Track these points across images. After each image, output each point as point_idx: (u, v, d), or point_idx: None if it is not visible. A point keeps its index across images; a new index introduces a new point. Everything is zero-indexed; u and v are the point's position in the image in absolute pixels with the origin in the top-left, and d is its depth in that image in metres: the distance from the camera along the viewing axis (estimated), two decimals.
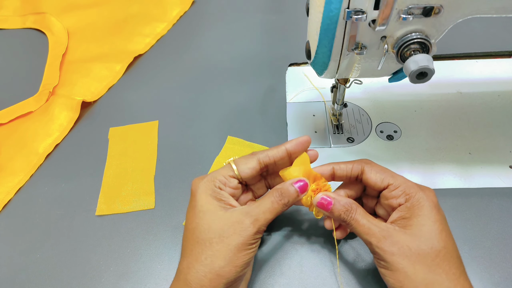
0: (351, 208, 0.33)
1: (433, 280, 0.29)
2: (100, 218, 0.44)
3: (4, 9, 0.75)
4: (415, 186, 0.33)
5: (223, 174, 0.34)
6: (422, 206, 0.31)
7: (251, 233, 0.31)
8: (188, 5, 0.72)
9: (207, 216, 0.32)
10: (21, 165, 0.50)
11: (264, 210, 0.32)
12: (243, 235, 0.31)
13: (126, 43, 0.65)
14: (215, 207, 0.32)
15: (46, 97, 0.57)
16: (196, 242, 0.31)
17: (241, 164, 0.34)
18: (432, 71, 0.30)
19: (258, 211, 0.32)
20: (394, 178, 0.33)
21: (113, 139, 0.52)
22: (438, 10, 0.30)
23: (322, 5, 0.31)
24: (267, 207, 0.32)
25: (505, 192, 0.42)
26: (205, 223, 0.32)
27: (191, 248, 0.32)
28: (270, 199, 0.33)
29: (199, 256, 0.31)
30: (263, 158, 0.35)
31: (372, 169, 0.34)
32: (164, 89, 0.58)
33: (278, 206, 0.32)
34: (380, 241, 0.30)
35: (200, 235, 0.31)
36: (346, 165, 0.35)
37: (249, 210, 0.32)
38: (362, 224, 0.32)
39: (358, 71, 0.37)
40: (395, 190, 0.33)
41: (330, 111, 0.51)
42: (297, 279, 0.38)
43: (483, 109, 0.50)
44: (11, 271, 0.40)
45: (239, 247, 0.30)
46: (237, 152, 0.48)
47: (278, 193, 0.33)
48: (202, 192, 0.33)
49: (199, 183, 0.34)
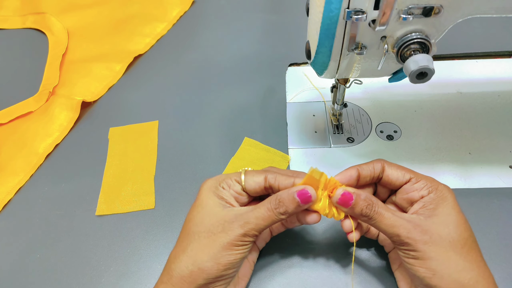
0: (372, 202, 0.31)
1: (464, 266, 0.29)
2: (100, 218, 0.44)
3: (4, 9, 0.75)
4: (436, 180, 0.33)
5: (231, 177, 0.35)
6: (446, 197, 0.32)
7: (237, 234, 0.31)
8: (188, 5, 0.72)
9: (204, 210, 0.33)
10: (21, 165, 0.50)
11: (257, 216, 0.31)
12: (230, 235, 0.31)
13: (126, 43, 0.65)
14: (215, 203, 0.33)
15: (46, 97, 0.57)
16: (187, 233, 0.32)
17: (249, 175, 0.35)
18: (432, 71, 0.30)
19: (250, 214, 0.31)
20: (414, 173, 0.34)
21: (113, 139, 0.52)
22: (438, 10, 0.30)
23: (322, 5, 0.31)
24: (261, 213, 0.31)
25: (505, 192, 0.42)
26: (200, 216, 0.32)
27: (182, 239, 0.32)
28: (266, 206, 0.32)
29: (186, 247, 0.31)
30: (271, 178, 0.34)
31: (391, 166, 0.35)
32: (164, 89, 0.58)
33: (273, 215, 0.31)
34: (410, 231, 0.30)
35: (192, 228, 0.32)
36: (368, 166, 0.35)
37: (243, 212, 0.32)
38: (387, 217, 0.31)
39: (358, 71, 0.37)
40: (417, 183, 0.33)
41: (330, 111, 0.51)
42: (297, 279, 0.38)
43: (483, 109, 0.50)
44: (11, 271, 0.40)
45: (224, 245, 0.30)
46: (252, 154, 0.48)
47: (275, 201, 0.31)
48: (207, 188, 0.34)
49: (207, 181, 0.35)
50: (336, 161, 0.46)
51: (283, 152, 0.48)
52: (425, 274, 0.29)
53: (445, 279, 0.29)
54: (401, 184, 0.34)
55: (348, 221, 0.34)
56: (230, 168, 0.47)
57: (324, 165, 0.46)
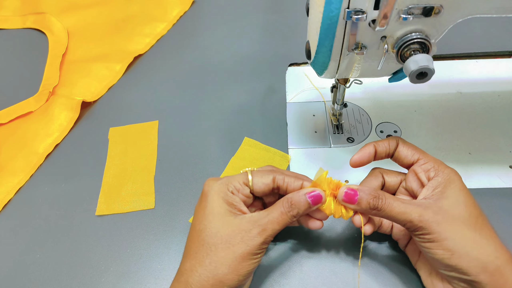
0: (378, 194, 0.32)
1: (481, 243, 0.30)
2: (100, 218, 0.44)
3: (4, 9, 0.75)
4: (442, 163, 0.34)
5: (238, 180, 0.34)
6: (453, 180, 0.32)
7: (257, 243, 0.31)
8: (188, 5, 0.72)
9: (216, 220, 0.31)
10: (21, 165, 0.50)
11: (272, 221, 0.31)
12: (249, 245, 0.30)
13: (126, 43, 0.65)
14: (225, 211, 0.32)
15: (46, 97, 0.57)
16: (202, 245, 0.31)
17: (257, 177, 0.34)
18: (432, 71, 0.30)
19: (266, 221, 0.31)
20: (423, 154, 0.35)
21: (113, 139, 0.52)
22: (438, 10, 0.30)
23: (322, 5, 0.31)
24: (275, 217, 0.31)
25: (505, 192, 0.42)
26: (213, 226, 0.31)
27: (195, 250, 0.31)
28: (279, 209, 0.32)
29: (203, 260, 0.30)
30: (279, 180, 0.34)
31: (404, 144, 0.36)
32: (164, 89, 0.58)
33: (287, 218, 0.32)
34: (422, 214, 0.30)
35: (206, 239, 0.31)
36: (384, 142, 0.36)
37: (257, 219, 0.32)
38: (397, 205, 0.31)
39: (358, 71, 0.37)
40: (425, 164, 0.34)
41: (330, 111, 0.51)
42: (297, 279, 0.38)
43: (483, 109, 0.50)
44: (11, 271, 0.40)
45: (244, 256, 0.30)
46: (252, 154, 0.48)
47: (287, 204, 0.32)
48: (215, 194, 0.33)
49: (213, 184, 0.33)
50: (336, 161, 0.46)
51: (283, 152, 0.48)
52: (444, 255, 0.29)
53: (464, 257, 0.29)
54: (409, 163, 0.35)
55: (358, 216, 0.34)
56: (230, 168, 0.47)
57: (324, 165, 0.46)
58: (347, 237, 0.40)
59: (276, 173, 0.34)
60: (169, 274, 0.39)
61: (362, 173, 0.45)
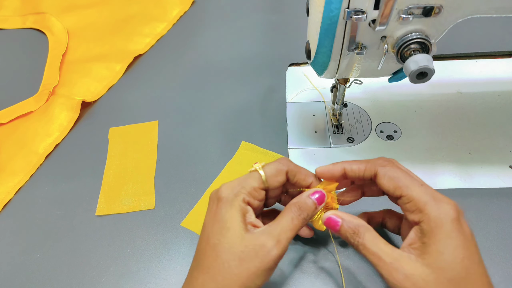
0: (359, 231, 0.30)
1: None
2: (100, 218, 0.44)
3: (4, 9, 0.75)
4: (432, 200, 0.29)
5: (253, 185, 0.32)
6: (440, 227, 0.28)
7: (273, 257, 0.29)
8: (188, 5, 0.72)
9: (230, 234, 0.30)
10: (21, 165, 0.50)
11: (285, 229, 0.30)
12: (265, 260, 0.29)
13: (126, 43, 0.65)
14: (239, 225, 0.30)
15: (46, 97, 0.57)
16: (215, 260, 0.30)
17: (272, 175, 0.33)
18: (432, 71, 0.30)
19: (279, 230, 0.30)
20: (408, 189, 0.30)
21: (113, 139, 0.52)
22: (438, 10, 0.30)
23: (322, 5, 0.31)
24: (288, 225, 0.31)
25: (505, 192, 0.42)
26: (228, 242, 0.30)
27: (208, 266, 0.30)
28: (290, 216, 0.31)
29: (215, 276, 0.29)
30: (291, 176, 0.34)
31: (386, 174, 0.31)
32: (164, 89, 0.58)
33: (299, 222, 0.31)
34: (391, 274, 0.28)
35: (220, 254, 0.30)
36: (359, 166, 0.33)
37: (270, 230, 0.30)
38: (372, 252, 0.29)
39: (358, 71, 0.37)
40: (408, 204, 0.30)
41: (330, 111, 0.51)
42: (297, 278, 0.38)
43: (483, 109, 0.50)
44: (11, 271, 0.40)
45: (259, 272, 0.29)
46: (250, 158, 0.48)
47: (296, 208, 0.31)
48: (231, 206, 0.31)
49: (228, 194, 0.32)
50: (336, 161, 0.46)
51: (283, 152, 0.48)
52: None
53: None
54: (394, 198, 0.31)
55: None
56: (226, 172, 0.47)
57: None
58: None
59: (286, 167, 0.34)
60: (169, 274, 0.39)
61: None
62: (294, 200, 0.32)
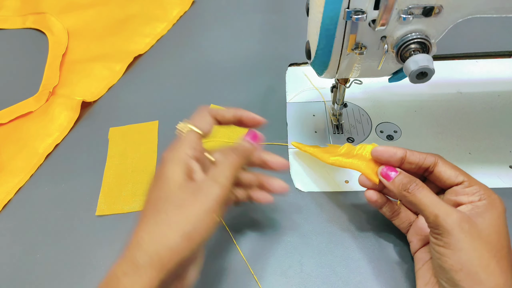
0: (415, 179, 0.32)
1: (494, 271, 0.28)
2: (100, 218, 0.44)
3: (4, 9, 0.75)
4: (490, 189, 0.32)
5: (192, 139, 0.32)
6: (496, 206, 0.30)
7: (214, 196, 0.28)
8: (188, 5, 0.72)
9: (169, 186, 0.29)
10: (21, 165, 0.50)
11: (223, 169, 0.30)
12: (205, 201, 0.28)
13: (126, 43, 0.65)
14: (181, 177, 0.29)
15: (46, 97, 0.57)
16: (152, 213, 0.28)
17: (200, 123, 0.33)
18: (432, 71, 0.30)
19: (217, 172, 0.30)
20: (469, 177, 0.33)
21: (113, 139, 0.52)
22: (438, 10, 0.30)
23: (322, 5, 0.31)
24: (225, 164, 0.31)
25: (505, 192, 0.42)
26: (166, 192, 0.29)
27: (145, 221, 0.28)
28: (225, 157, 0.32)
29: (153, 229, 0.27)
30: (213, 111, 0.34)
31: (446, 163, 0.33)
32: (164, 89, 0.58)
33: (234, 160, 0.31)
34: (450, 214, 0.29)
35: (158, 206, 0.28)
36: (420, 154, 0.34)
37: (208, 174, 0.30)
38: (429, 196, 0.31)
39: (358, 71, 0.37)
40: (470, 187, 0.32)
41: (330, 111, 0.51)
42: (297, 278, 0.38)
43: (483, 109, 0.50)
44: (11, 271, 0.40)
45: (201, 216, 0.27)
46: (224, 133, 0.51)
47: (231, 149, 0.32)
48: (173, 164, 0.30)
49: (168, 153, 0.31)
50: None
51: (283, 152, 0.48)
52: (453, 266, 0.28)
53: (471, 276, 0.28)
54: (451, 184, 0.33)
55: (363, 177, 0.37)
56: None
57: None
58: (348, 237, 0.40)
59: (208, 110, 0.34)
60: None
61: None
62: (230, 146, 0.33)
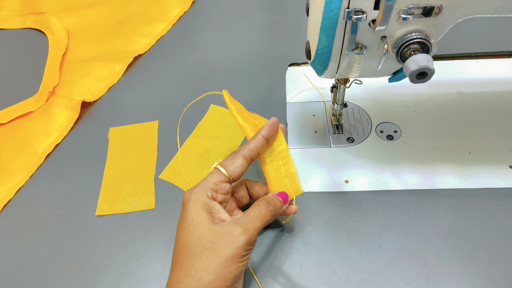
0: None
1: None
2: (100, 218, 0.44)
3: (4, 9, 0.75)
4: None
5: (214, 181, 0.34)
6: None
7: (242, 244, 0.31)
8: (188, 5, 0.72)
9: (198, 229, 0.32)
10: (21, 165, 0.50)
11: (253, 219, 0.33)
12: (234, 247, 0.31)
13: (126, 43, 0.65)
14: (206, 220, 0.32)
15: (46, 97, 0.57)
16: (187, 256, 0.31)
17: (229, 165, 0.35)
18: (432, 71, 0.30)
19: (247, 220, 0.32)
20: None
21: (113, 139, 0.52)
22: (438, 10, 0.30)
23: (322, 5, 0.31)
24: (256, 215, 0.33)
25: (505, 192, 0.42)
26: (196, 236, 0.31)
27: (181, 262, 0.31)
28: (258, 208, 0.34)
29: (189, 270, 0.30)
30: (248, 152, 0.35)
31: None
32: (164, 89, 0.58)
33: (266, 214, 0.34)
34: None
35: (190, 249, 0.31)
36: None
37: (238, 220, 0.32)
38: None
39: (358, 71, 0.37)
40: None
41: (330, 111, 0.51)
42: (297, 278, 0.38)
43: (483, 109, 0.50)
44: (11, 271, 0.40)
45: (230, 260, 0.30)
46: (219, 120, 0.52)
47: (264, 202, 0.35)
48: (193, 204, 0.33)
49: (190, 195, 0.33)
50: (336, 161, 0.46)
51: None
52: None
53: None
54: None
55: None
56: (197, 131, 0.51)
57: (324, 165, 0.46)
58: (348, 237, 0.40)
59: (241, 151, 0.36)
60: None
61: (363, 173, 0.45)
62: (262, 198, 0.36)
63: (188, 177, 0.46)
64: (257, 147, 0.36)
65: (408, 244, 0.39)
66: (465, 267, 0.37)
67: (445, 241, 0.39)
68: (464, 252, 0.38)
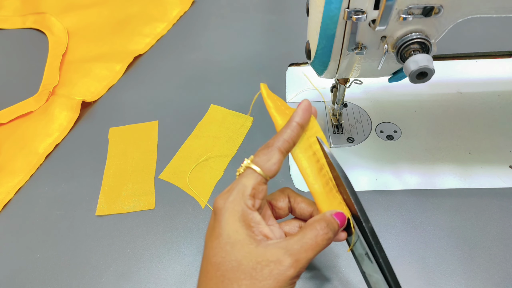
0: None
1: None
2: (100, 218, 0.44)
3: (4, 9, 0.75)
4: None
5: (251, 185, 0.27)
6: None
7: (289, 278, 0.25)
8: (188, 5, 0.72)
9: (236, 250, 0.26)
10: (21, 165, 0.50)
11: (307, 248, 0.26)
12: (280, 280, 0.25)
13: (126, 43, 0.65)
14: (245, 237, 0.26)
15: (46, 97, 0.57)
16: (221, 281, 0.26)
17: (264, 162, 0.28)
18: (432, 71, 0.30)
19: (299, 248, 0.26)
20: None
21: (113, 139, 0.52)
22: (438, 10, 0.30)
23: (322, 5, 0.31)
24: (311, 243, 0.26)
25: (505, 192, 0.42)
26: (233, 259, 0.26)
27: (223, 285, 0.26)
28: (315, 232, 0.27)
29: None
30: (283, 145, 0.29)
31: None
32: (164, 89, 0.58)
33: (323, 242, 0.27)
34: None
35: (226, 273, 0.26)
36: None
37: (287, 245, 0.26)
38: None
39: (358, 71, 0.37)
40: None
41: (330, 111, 0.51)
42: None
43: (483, 109, 0.50)
44: (11, 271, 0.40)
45: None
46: (219, 120, 0.52)
47: (324, 224, 0.27)
48: (230, 216, 0.27)
49: (224, 203, 0.27)
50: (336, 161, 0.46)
51: None
52: None
53: None
54: None
55: None
56: (196, 132, 0.51)
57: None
58: None
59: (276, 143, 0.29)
60: (169, 275, 0.39)
61: (363, 173, 0.45)
62: (318, 217, 0.28)
63: (188, 177, 0.46)
64: (292, 137, 0.29)
65: (408, 244, 0.39)
66: (465, 267, 0.37)
67: (445, 241, 0.39)
68: (464, 252, 0.38)
